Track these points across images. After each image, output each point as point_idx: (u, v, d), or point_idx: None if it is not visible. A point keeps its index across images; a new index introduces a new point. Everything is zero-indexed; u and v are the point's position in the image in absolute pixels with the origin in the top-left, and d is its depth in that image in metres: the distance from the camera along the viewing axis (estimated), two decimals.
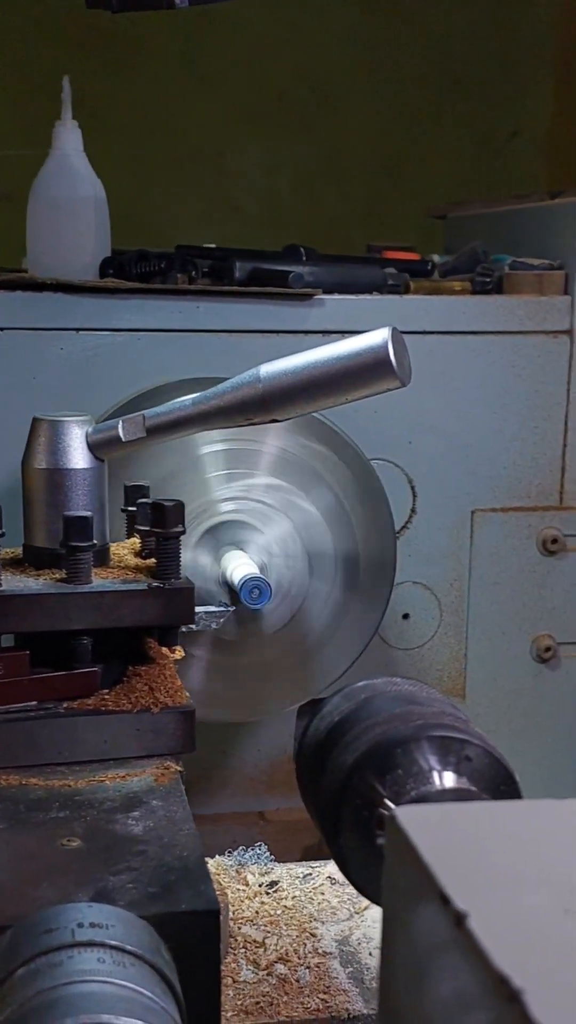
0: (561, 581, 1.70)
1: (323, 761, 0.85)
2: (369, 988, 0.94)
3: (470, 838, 0.54)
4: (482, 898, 0.49)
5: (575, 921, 0.48)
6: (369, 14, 2.98)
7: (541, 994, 0.42)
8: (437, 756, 0.76)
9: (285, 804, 1.69)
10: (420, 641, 1.68)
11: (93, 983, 0.61)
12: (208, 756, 1.66)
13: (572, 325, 1.64)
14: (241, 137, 2.99)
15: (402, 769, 0.76)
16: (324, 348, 0.98)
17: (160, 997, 0.63)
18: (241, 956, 0.99)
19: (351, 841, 0.78)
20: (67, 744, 0.97)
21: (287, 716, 1.60)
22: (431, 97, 3.02)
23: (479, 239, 1.84)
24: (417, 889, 0.52)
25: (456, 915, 0.48)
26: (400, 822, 0.55)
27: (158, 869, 0.78)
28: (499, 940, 0.46)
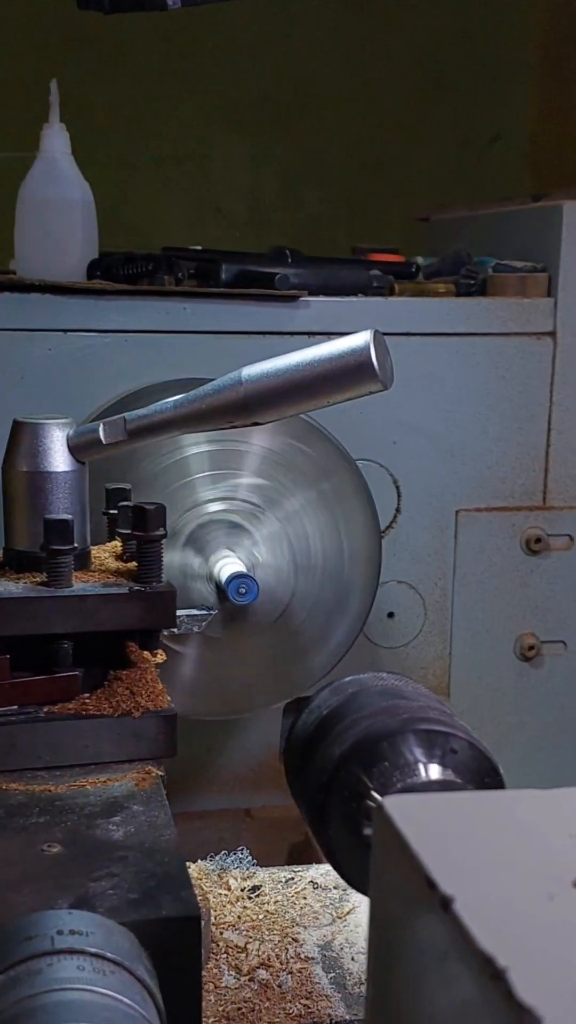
0: (544, 580, 1.71)
1: (311, 754, 0.87)
2: (351, 994, 0.94)
3: (456, 826, 0.56)
4: (467, 883, 0.51)
5: (558, 905, 0.49)
6: (352, 16, 2.99)
7: (524, 972, 0.44)
8: (423, 749, 0.78)
9: (271, 801, 1.70)
10: (405, 639, 1.69)
11: (73, 991, 0.60)
12: (195, 754, 1.67)
13: (555, 327, 1.66)
14: (225, 138, 3.00)
15: (388, 761, 0.77)
16: (306, 351, 0.98)
17: (140, 1005, 0.62)
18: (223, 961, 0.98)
19: (339, 832, 0.80)
20: (47, 749, 0.96)
21: (273, 714, 1.61)
22: (414, 99, 3.04)
23: (463, 242, 1.85)
24: (404, 874, 0.54)
25: (442, 899, 0.50)
26: (388, 811, 0.57)
27: (139, 875, 0.77)
28: (484, 923, 0.48)
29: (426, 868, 0.52)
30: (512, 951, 0.45)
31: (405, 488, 1.66)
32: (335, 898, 1.08)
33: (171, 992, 0.68)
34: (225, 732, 1.67)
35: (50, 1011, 0.58)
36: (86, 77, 2.78)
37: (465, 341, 1.64)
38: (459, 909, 0.49)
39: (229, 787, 1.70)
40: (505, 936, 0.47)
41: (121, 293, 1.55)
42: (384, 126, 3.05)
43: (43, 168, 1.60)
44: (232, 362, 1.07)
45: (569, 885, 0.51)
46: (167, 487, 1.38)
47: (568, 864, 0.52)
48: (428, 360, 1.63)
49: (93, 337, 1.54)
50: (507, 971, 0.44)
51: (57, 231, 1.59)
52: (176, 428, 1.03)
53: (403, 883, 0.55)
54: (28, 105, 1.97)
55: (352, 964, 0.98)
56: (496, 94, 3.12)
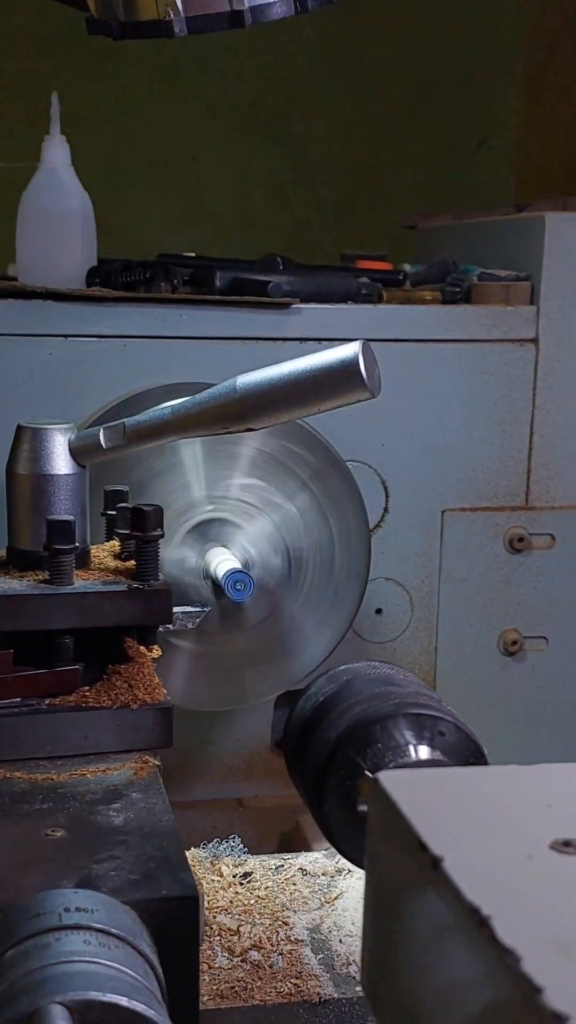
0: (527, 578, 1.76)
1: (309, 737, 0.92)
2: (339, 974, 0.97)
3: (444, 797, 0.62)
4: (455, 845, 0.56)
5: (535, 864, 0.55)
6: (340, 24, 3.03)
7: (506, 920, 0.50)
8: (413, 731, 0.83)
9: (262, 792, 1.75)
10: (393, 635, 1.74)
11: (80, 963, 0.64)
12: (188, 745, 1.72)
13: (537, 334, 1.71)
14: (214, 143, 3.03)
15: (381, 743, 0.83)
16: (297, 361, 1.02)
17: (143, 977, 0.66)
18: (216, 943, 1.01)
19: (335, 809, 0.85)
20: (50, 739, 1.01)
21: (265, 707, 1.67)
22: (400, 105, 3.08)
23: (449, 249, 1.90)
24: (398, 840, 0.60)
25: (432, 859, 0.55)
26: (383, 784, 0.63)
27: (139, 858, 0.82)
28: (470, 879, 0.53)
29: (418, 832, 0.58)
30: (495, 902, 0.51)
31: (393, 488, 1.70)
32: (323, 884, 1.12)
33: (171, 966, 0.73)
34: (218, 724, 1.72)
35: (59, 981, 0.62)
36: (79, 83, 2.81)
37: (451, 347, 1.69)
38: (447, 867, 0.55)
39: (222, 778, 1.75)
40: (488, 890, 0.52)
41: (119, 300, 1.60)
42: (371, 132, 3.09)
43: (44, 179, 1.65)
44: (226, 367, 1.11)
45: (546, 847, 0.57)
46: (165, 488, 1.43)
47: (545, 829, 0.58)
48: (415, 366, 1.68)
49: (92, 342, 1.59)
50: (490, 918, 0.50)
51: (57, 240, 1.64)
52: (173, 433, 1.07)
53: (396, 849, 0.60)
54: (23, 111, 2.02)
55: (340, 946, 1.01)
56: (482, 101, 3.16)
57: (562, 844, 0.57)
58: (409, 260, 2.06)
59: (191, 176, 3.05)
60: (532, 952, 0.48)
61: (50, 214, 1.65)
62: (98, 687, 1.04)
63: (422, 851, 0.56)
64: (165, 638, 1.48)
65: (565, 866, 0.55)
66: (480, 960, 0.50)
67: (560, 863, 0.55)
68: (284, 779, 1.69)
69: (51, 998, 0.60)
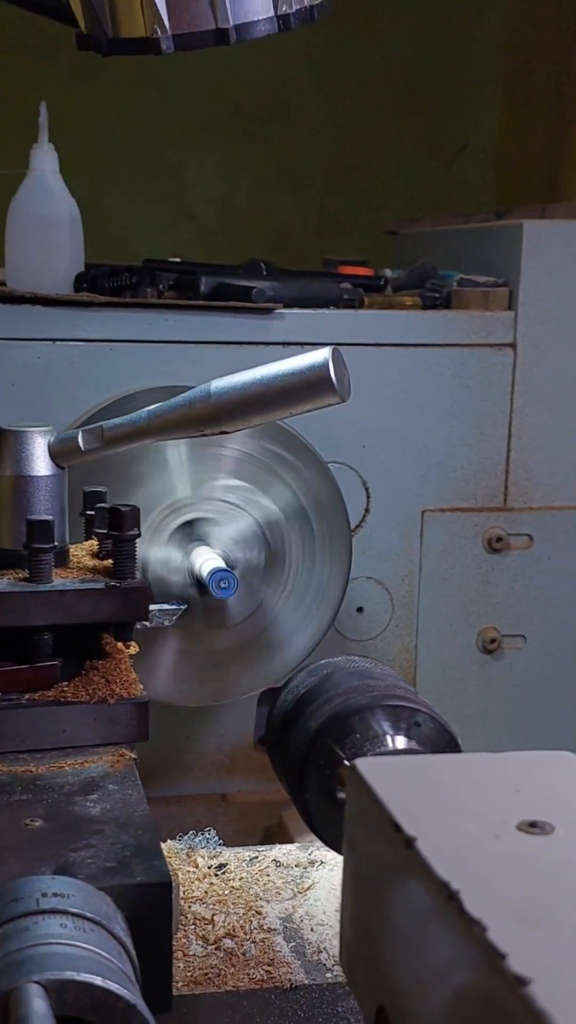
0: (505, 577, 1.80)
1: (290, 728, 0.95)
2: (310, 961, 0.99)
3: (418, 782, 0.65)
4: (427, 826, 0.60)
5: (502, 843, 0.59)
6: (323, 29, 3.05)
7: (473, 894, 0.53)
8: (390, 722, 0.87)
9: (245, 787, 1.78)
10: (373, 633, 1.78)
11: (57, 945, 0.66)
12: (173, 741, 1.75)
13: (515, 339, 1.75)
14: (199, 147, 3.06)
15: (359, 734, 0.86)
16: (269, 366, 1.03)
17: (117, 959, 0.68)
18: (191, 932, 1.03)
19: (315, 797, 0.89)
20: (29, 733, 1.02)
21: (248, 703, 1.69)
22: (383, 112, 3.11)
23: (429, 255, 1.93)
24: (374, 823, 0.63)
25: (406, 840, 0.59)
26: (360, 770, 0.66)
27: (115, 846, 0.84)
28: (441, 857, 0.57)
29: (392, 815, 0.61)
30: (464, 878, 0.55)
31: (374, 489, 1.74)
32: (296, 875, 1.14)
33: (145, 950, 0.75)
34: (202, 720, 1.75)
35: (36, 962, 0.64)
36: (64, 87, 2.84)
37: (431, 352, 1.72)
38: (420, 847, 0.58)
39: (206, 773, 1.78)
40: (458, 867, 0.56)
41: (106, 305, 1.63)
42: (354, 138, 3.13)
43: (32, 186, 1.69)
44: (210, 370, 1.14)
45: (513, 828, 0.60)
46: (150, 488, 1.46)
47: (512, 812, 0.62)
48: (396, 370, 1.71)
49: (80, 346, 1.62)
50: (459, 893, 0.53)
51: (46, 246, 1.67)
52: (150, 436, 1.09)
53: (373, 831, 0.64)
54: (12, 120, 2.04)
55: (311, 935, 1.03)
56: (463, 108, 3.19)
57: (528, 825, 0.60)
58: (390, 265, 2.09)
59: (176, 181, 3.08)
60: (497, 923, 0.51)
61: (38, 220, 1.68)
62: (76, 682, 1.06)
63: (396, 832, 0.60)
64: (150, 635, 1.51)
65: (530, 845, 0.59)
66: (451, 933, 0.53)
67: (526, 842, 0.59)
68: (267, 774, 1.72)
69: (28, 977, 0.62)
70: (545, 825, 0.60)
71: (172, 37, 1.09)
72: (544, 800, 0.63)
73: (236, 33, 1.12)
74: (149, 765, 1.08)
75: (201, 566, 1.42)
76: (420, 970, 0.57)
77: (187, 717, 1.73)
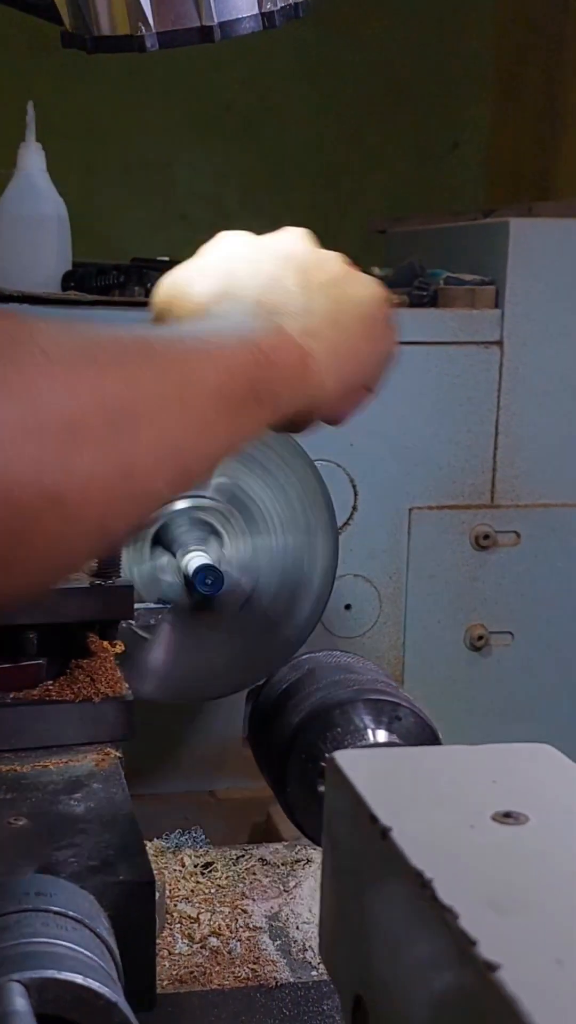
0: (492, 574, 1.80)
1: (272, 723, 0.96)
2: (296, 959, 1.00)
3: (395, 773, 0.66)
4: (403, 817, 0.60)
5: (477, 832, 0.59)
6: (313, 29, 3.07)
7: (446, 882, 0.54)
8: (371, 716, 0.87)
9: (234, 784, 1.79)
10: (361, 630, 1.78)
11: (39, 944, 0.66)
12: (161, 739, 1.75)
13: (502, 336, 1.75)
14: (189, 147, 3.07)
15: (340, 728, 0.87)
16: None
17: (100, 958, 0.68)
18: (176, 931, 1.03)
19: (297, 790, 0.90)
20: (13, 732, 1.02)
21: (236, 700, 1.70)
22: (372, 109, 3.12)
23: (417, 254, 1.94)
24: (352, 814, 0.64)
25: (382, 830, 0.59)
26: (337, 762, 0.67)
27: (98, 845, 0.84)
28: (415, 847, 0.57)
29: (369, 805, 0.62)
30: (437, 867, 0.55)
31: (361, 487, 1.74)
32: (282, 874, 1.14)
33: (129, 949, 0.75)
34: (190, 717, 1.75)
35: (19, 961, 0.64)
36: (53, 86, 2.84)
37: (418, 349, 1.73)
38: (395, 837, 0.59)
39: (194, 770, 1.78)
40: (432, 856, 0.57)
41: (93, 303, 1.63)
42: (344, 137, 3.14)
43: (20, 185, 1.69)
44: None
45: (488, 818, 0.61)
46: None
47: (488, 802, 0.62)
48: None
49: None
50: (432, 881, 0.54)
51: (33, 245, 1.68)
52: None
53: (350, 823, 0.65)
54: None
55: (296, 933, 1.04)
56: (453, 105, 3.20)
57: (503, 815, 0.61)
58: (379, 264, 2.09)
59: (166, 180, 3.08)
60: (469, 910, 0.52)
61: (26, 219, 1.68)
62: (61, 681, 1.07)
63: (373, 823, 0.60)
64: (138, 633, 1.52)
65: (504, 835, 0.59)
66: (424, 921, 0.54)
67: (500, 832, 0.59)
68: (256, 771, 1.73)
69: (9, 976, 0.62)
70: (519, 815, 0.61)
71: (156, 35, 1.10)
72: (520, 791, 0.64)
73: (221, 31, 1.12)
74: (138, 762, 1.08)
75: (188, 563, 1.42)
76: (395, 959, 0.57)
77: (176, 714, 1.73)
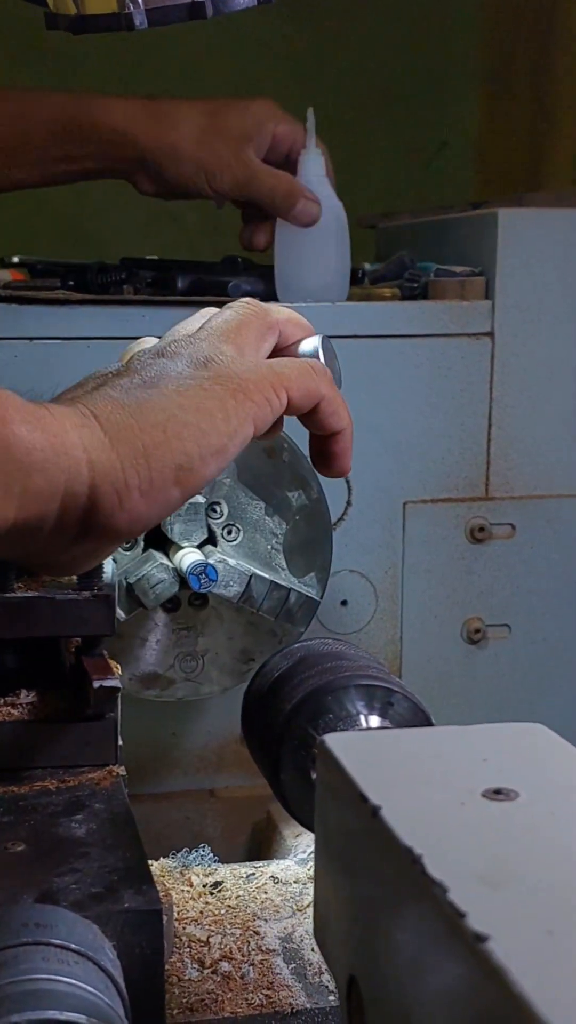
0: (488, 567, 1.80)
1: (265, 711, 0.96)
2: (312, 983, 0.96)
3: (385, 754, 0.66)
4: (393, 796, 0.60)
5: (467, 810, 0.59)
6: (301, 30, 3.08)
7: (436, 858, 0.54)
8: (364, 702, 0.87)
9: (234, 782, 1.78)
10: (358, 626, 1.78)
11: (38, 981, 0.62)
12: (161, 738, 1.75)
13: (493, 328, 1.75)
14: None
15: (333, 714, 0.87)
16: None
17: (104, 993, 0.65)
18: (186, 955, 0.99)
19: (290, 777, 0.89)
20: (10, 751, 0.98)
21: (234, 699, 1.70)
22: (361, 109, 3.11)
23: (407, 247, 1.94)
24: (342, 795, 0.63)
25: (372, 809, 0.59)
26: (327, 745, 0.66)
27: (101, 870, 0.80)
28: (405, 824, 0.57)
29: (358, 785, 0.61)
30: (427, 843, 0.55)
31: (355, 482, 1.74)
32: (295, 892, 1.11)
33: (135, 982, 0.72)
34: (189, 716, 1.75)
35: (17, 1000, 0.60)
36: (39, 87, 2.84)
37: (408, 343, 1.73)
38: (385, 815, 0.58)
39: (194, 769, 1.78)
40: (422, 833, 0.56)
41: (82, 302, 1.63)
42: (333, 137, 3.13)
43: None
44: None
45: (478, 795, 0.60)
46: None
47: (479, 780, 0.62)
48: (375, 361, 1.72)
49: (56, 344, 1.62)
50: (422, 856, 0.54)
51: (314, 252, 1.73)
52: None
53: (341, 804, 0.64)
54: None
55: (312, 955, 1.00)
56: (442, 103, 3.21)
57: (493, 792, 0.60)
58: (369, 259, 2.10)
59: None
60: (458, 884, 0.51)
61: None
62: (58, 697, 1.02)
63: (363, 802, 0.60)
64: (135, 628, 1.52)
65: (494, 811, 0.59)
66: (414, 897, 0.54)
67: (490, 809, 0.59)
68: (255, 769, 1.73)
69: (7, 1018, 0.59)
70: (510, 792, 0.60)
71: (145, 12, 1.08)
72: (511, 769, 0.63)
73: (213, 7, 1.10)
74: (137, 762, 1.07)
75: (181, 560, 1.42)
76: (388, 937, 0.57)
77: (174, 713, 1.73)
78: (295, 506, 1.53)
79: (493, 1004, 0.45)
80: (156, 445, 0.79)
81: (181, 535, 1.45)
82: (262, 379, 0.87)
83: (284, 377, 0.90)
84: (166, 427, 0.81)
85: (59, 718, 1.01)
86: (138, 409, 0.81)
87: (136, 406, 0.81)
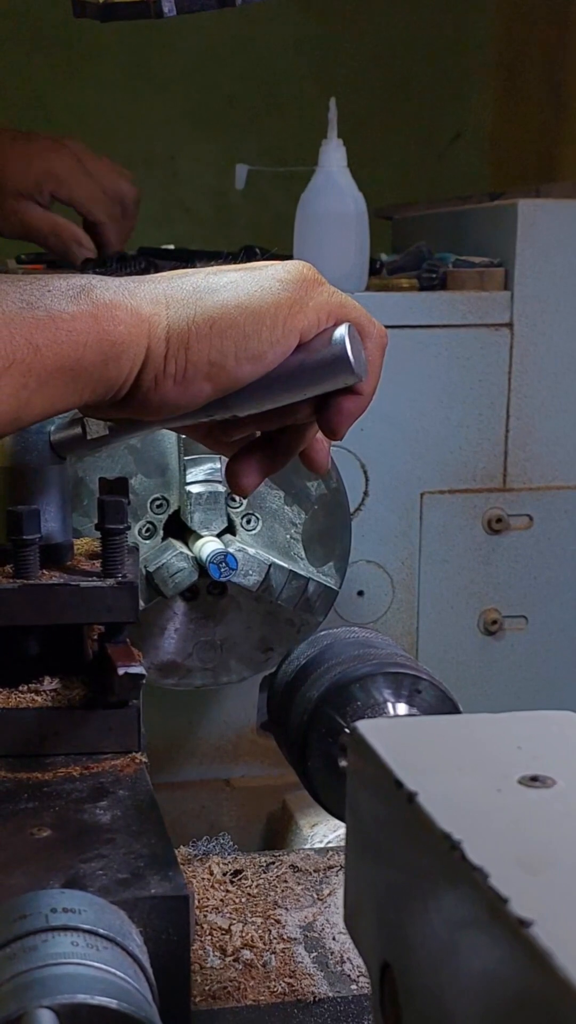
0: (505, 558, 1.80)
1: (291, 698, 0.95)
2: (333, 972, 0.96)
3: (419, 741, 0.65)
4: (429, 782, 0.60)
5: (503, 796, 0.59)
6: (315, 21, 3.07)
7: (475, 843, 0.53)
8: (391, 690, 0.87)
9: (249, 772, 1.79)
10: (374, 616, 1.78)
11: (68, 965, 0.62)
12: (177, 727, 1.75)
13: (512, 318, 1.75)
14: (192, 140, 3.07)
15: (360, 702, 0.87)
16: None
17: (132, 978, 0.64)
18: (207, 943, 0.99)
19: (317, 765, 0.89)
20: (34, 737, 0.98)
21: (250, 689, 1.70)
22: (375, 101, 3.11)
23: (424, 238, 1.94)
24: (376, 782, 0.63)
25: (408, 795, 0.59)
26: (361, 732, 0.66)
27: (127, 856, 0.80)
28: (442, 810, 0.57)
29: (393, 772, 0.61)
30: (465, 829, 0.55)
31: (372, 472, 1.74)
32: (315, 880, 1.11)
33: (161, 967, 0.72)
34: (205, 706, 1.75)
35: (47, 984, 0.61)
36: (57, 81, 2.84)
37: (427, 333, 1.72)
38: (421, 801, 0.58)
39: (210, 759, 1.78)
40: (459, 819, 0.56)
41: None
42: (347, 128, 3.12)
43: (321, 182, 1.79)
44: None
45: (514, 782, 0.60)
46: (147, 474, 1.46)
47: (514, 767, 0.62)
48: (394, 351, 1.67)
49: None
50: (461, 842, 0.53)
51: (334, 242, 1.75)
52: (157, 424, 1.07)
53: (374, 791, 0.64)
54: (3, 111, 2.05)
55: (333, 944, 0.99)
56: (456, 94, 3.20)
57: (530, 779, 0.60)
58: (386, 250, 2.09)
59: (169, 175, 3.08)
60: (499, 870, 0.51)
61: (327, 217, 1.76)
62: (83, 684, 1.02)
63: (398, 789, 0.60)
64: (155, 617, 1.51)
65: (531, 798, 0.59)
66: (453, 882, 0.53)
67: (527, 795, 0.59)
68: (271, 759, 1.74)
69: (39, 1002, 0.59)
70: (546, 779, 0.60)
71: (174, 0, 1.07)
72: (546, 756, 0.63)
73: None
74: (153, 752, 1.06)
75: (201, 549, 1.42)
76: (422, 922, 0.57)
77: (191, 702, 1.73)
78: (314, 495, 1.53)
79: (536, 988, 0.45)
80: (199, 338, 0.84)
81: (201, 523, 1.44)
82: (322, 305, 0.91)
83: (347, 309, 0.94)
84: (214, 322, 0.84)
85: (82, 705, 1.01)
86: (199, 300, 0.84)
87: (200, 296, 0.85)
